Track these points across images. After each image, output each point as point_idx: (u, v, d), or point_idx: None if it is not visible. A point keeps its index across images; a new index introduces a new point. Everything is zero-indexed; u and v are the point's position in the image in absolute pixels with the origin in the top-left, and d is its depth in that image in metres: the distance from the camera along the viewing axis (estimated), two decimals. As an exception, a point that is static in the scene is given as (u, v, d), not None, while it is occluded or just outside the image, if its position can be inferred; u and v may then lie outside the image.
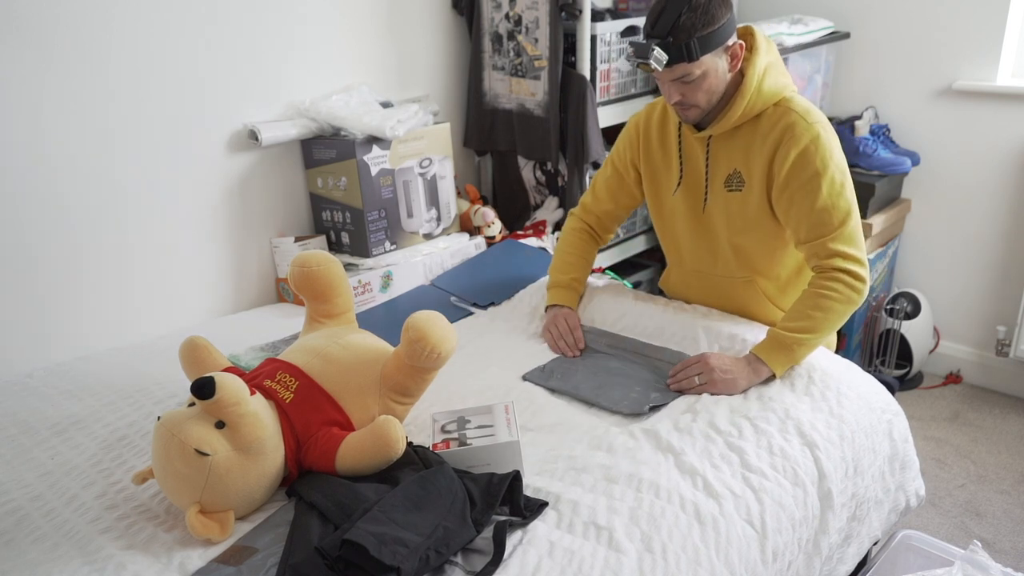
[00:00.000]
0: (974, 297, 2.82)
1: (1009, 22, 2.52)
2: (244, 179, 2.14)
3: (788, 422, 1.49)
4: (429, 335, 1.38)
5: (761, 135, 1.66)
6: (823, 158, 1.61)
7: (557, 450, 1.43)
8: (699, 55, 1.54)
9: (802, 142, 1.61)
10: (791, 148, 1.62)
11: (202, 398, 1.22)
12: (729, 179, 1.73)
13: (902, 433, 1.66)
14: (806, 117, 1.63)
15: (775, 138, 1.64)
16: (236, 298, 2.20)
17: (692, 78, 1.58)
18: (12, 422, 1.61)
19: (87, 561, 1.20)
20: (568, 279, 1.94)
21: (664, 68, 1.55)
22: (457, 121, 2.64)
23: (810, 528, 1.40)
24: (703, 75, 1.58)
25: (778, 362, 1.61)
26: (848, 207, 1.63)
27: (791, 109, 1.65)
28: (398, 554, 1.08)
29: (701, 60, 1.55)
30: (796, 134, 1.62)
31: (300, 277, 1.57)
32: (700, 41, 1.53)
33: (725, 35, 1.57)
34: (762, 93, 1.64)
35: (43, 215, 1.81)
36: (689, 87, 1.60)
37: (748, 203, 1.71)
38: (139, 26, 1.86)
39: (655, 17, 1.55)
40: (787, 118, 1.64)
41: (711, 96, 1.63)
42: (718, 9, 1.54)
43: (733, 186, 1.73)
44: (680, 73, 1.57)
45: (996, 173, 2.66)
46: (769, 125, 1.65)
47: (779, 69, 1.69)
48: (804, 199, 1.62)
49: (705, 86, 1.60)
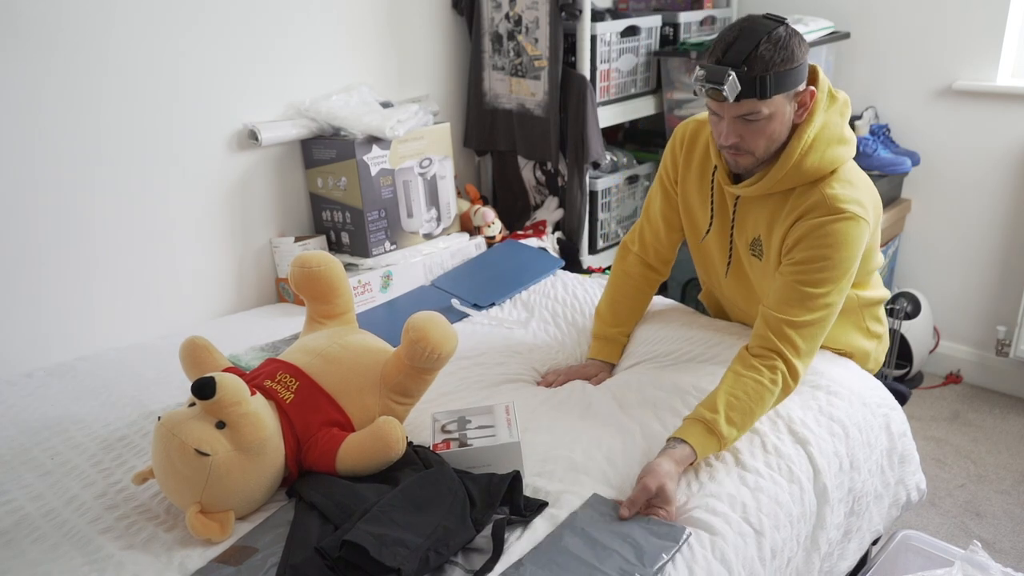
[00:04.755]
0: (974, 297, 2.82)
1: (1009, 22, 2.52)
2: (244, 179, 2.14)
3: (779, 421, 1.50)
4: (429, 335, 1.37)
5: (788, 209, 1.50)
6: (830, 247, 1.44)
7: (557, 450, 1.43)
8: (772, 93, 1.37)
9: (817, 228, 1.45)
10: (807, 230, 1.46)
11: (203, 398, 1.22)
12: (753, 244, 1.59)
13: (900, 427, 1.66)
14: (832, 203, 1.45)
15: (797, 215, 1.48)
16: (236, 298, 2.20)
17: (759, 117, 1.40)
18: (12, 422, 1.61)
19: (87, 561, 1.20)
20: (615, 332, 1.80)
21: (732, 102, 1.38)
22: (457, 121, 2.64)
23: (808, 524, 1.40)
24: (769, 117, 1.40)
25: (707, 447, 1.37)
26: (825, 309, 1.46)
27: (822, 189, 1.46)
28: (398, 555, 1.09)
29: (773, 99, 1.38)
30: (815, 216, 1.45)
31: (300, 277, 1.57)
32: (776, 78, 1.36)
33: (800, 77, 1.40)
34: (801, 169, 1.46)
35: (43, 215, 1.81)
36: (750, 128, 1.42)
37: (767, 274, 1.58)
38: (139, 26, 1.86)
39: (727, 44, 1.37)
40: (814, 197, 1.46)
41: (771, 145, 1.45)
42: (798, 47, 1.38)
43: (756, 253, 1.59)
44: (747, 110, 1.39)
45: (996, 173, 2.65)
46: (798, 201, 1.48)
47: (833, 135, 1.47)
48: (793, 271, 1.47)
49: (768, 131, 1.42)
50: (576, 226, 2.51)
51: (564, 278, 2.24)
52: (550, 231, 2.53)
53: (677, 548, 1.19)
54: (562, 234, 2.54)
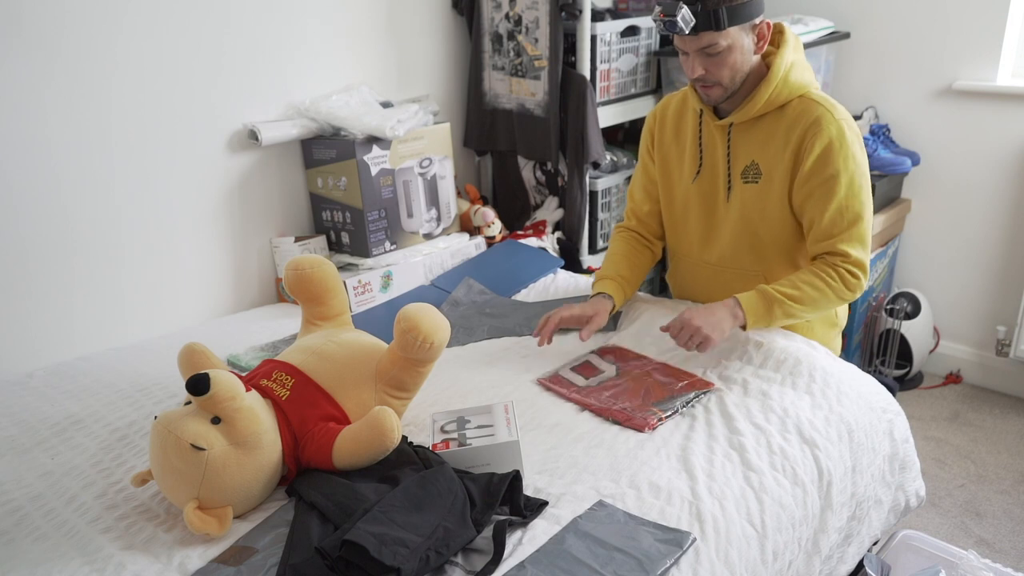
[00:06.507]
0: (974, 297, 2.82)
1: (1009, 22, 2.52)
2: (244, 179, 2.15)
3: (787, 420, 1.50)
4: (420, 325, 1.38)
5: (785, 127, 1.66)
6: (846, 156, 1.61)
7: (557, 450, 1.43)
8: (727, 24, 1.53)
9: (827, 137, 1.61)
10: (816, 142, 1.61)
11: (197, 394, 1.22)
12: (746, 171, 1.72)
13: (903, 433, 1.66)
14: (832, 112, 1.63)
15: (801, 130, 1.63)
16: (236, 298, 2.20)
17: (718, 49, 1.56)
18: (12, 422, 1.61)
19: (87, 561, 1.20)
20: (615, 273, 1.87)
21: (690, 35, 1.54)
22: (457, 121, 2.64)
23: (810, 527, 1.40)
24: (729, 48, 1.57)
25: (755, 313, 1.62)
26: (860, 209, 1.63)
27: (817, 102, 1.64)
28: (398, 555, 1.09)
29: (728, 31, 1.54)
30: (823, 128, 1.61)
31: (294, 280, 1.58)
32: (729, 11, 1.52)
33: (755, 10, 1.56)
34: (788, 83, 1.63)
35: (44, 215, 1.81)
36: (713, 60, 1.58)
37: (765, 196, 1.71)
38: (139, 26, 1.86)
39: None
40: (814, 110, 1.63)
41: (735, 74, 1.61)
42: None
43: (749, 178, 1.72)
44: (706, 42, 1.56)
45: (996, 173, 2.65)
46: (794, 116, 1.65)
47: (805, 66, 1.68)
48: (822, 196, 1.63)
49: (730, 61, 1.59)
50: (576, 226, 2.51)
51: (564, 278, 2.24)
52: (550, 231, 2.53)
53: (682, 552, 1.18)
54: (562, 234, 2.54)
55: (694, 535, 1.23)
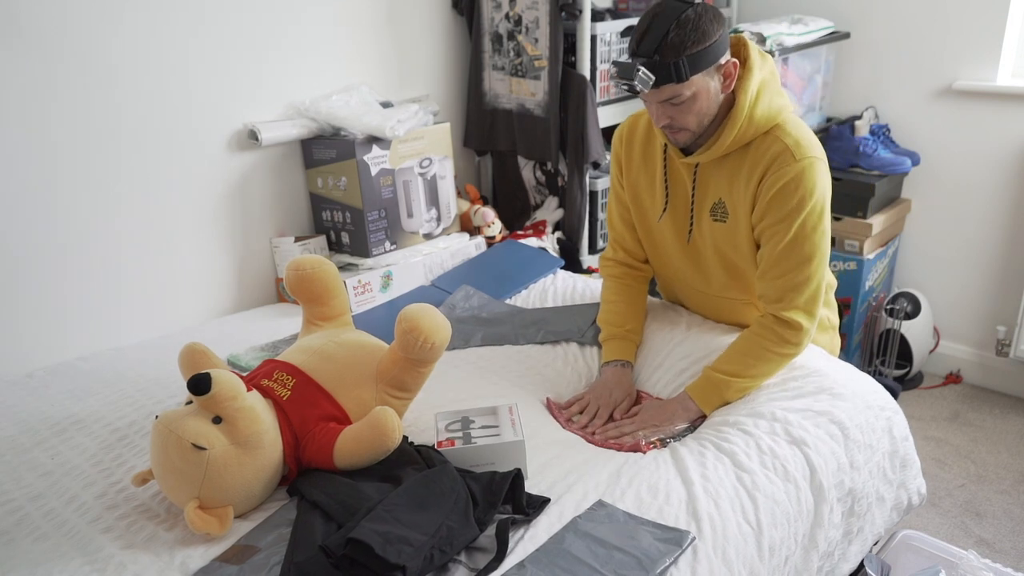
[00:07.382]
0: (974, 297, 2.82)
1: (1009, 22, 2.52)
2: (244, 179, 2.14)
3: (776, 424, 1.49)
4: (421, 325, 1.38)
5: (749, 165, 1.56)
6: (802, 196, 1.51)
7: (559, 456, 1.43)
8: (689, 75, 1.43)
9: (786, 176, 1.51)
10: (775, 181, 1.52)
11: (198, 394, 1.22)
12: (714, 208, 1.64)
13: (902, 431, 1.66)
14: (795, 150, 1.51)
15: (762, 168, 1.54)
16: (236, 298, 2.20)
17: (681, 99, 1.46)
18: (12, 422, 1.61)
19: (88, 561, 1.20)
20: (623, 331, 1.77)
21: (651, 89, 1.44)
22: (457, 121, 2.64)
23: (805, 522, 1.40)
24: (693, 96, 1.46)
25: (708, 402, 1.58)
26: (811, 252, 1.54)
27: (780, 139, 1.53)
28: (403, 553, 1.09)
29: (691, 80, 1.44)
30: (782, 166, 1.51)
31: (295, 280, 1.58)
32: (690, 60, 1.41)
33: (717, 53, 1.45)
34: (754, 120, 1.52)
35: (44, 214, 1.81)
36: (678, 109, 1.49)
37: (734, 233, 1.63)
38: (139, 26, 1.86)
39: (640, 34, 1.44)
40: (775, 147, 1.53)
41: (702, 119, 1.51)
42: (709, 25, 1.43)
43: (718, 216, 1.64)
44: (668, 95, 1.46)
45: (996, 173, 2.66)
46: (758, 155, 1.55)
47: (774, 88, 1.56)
48: (774, 235, 1.54)
49: (696, 108, 1.48)
50: (576, 226, 2.51)
51: (563, 278, 2.24)
52: (550, 231, 2.53)
53: (681, 551, 1.18)
54: (562, 234, 2.54)
55: (693, 534, 1.23)
